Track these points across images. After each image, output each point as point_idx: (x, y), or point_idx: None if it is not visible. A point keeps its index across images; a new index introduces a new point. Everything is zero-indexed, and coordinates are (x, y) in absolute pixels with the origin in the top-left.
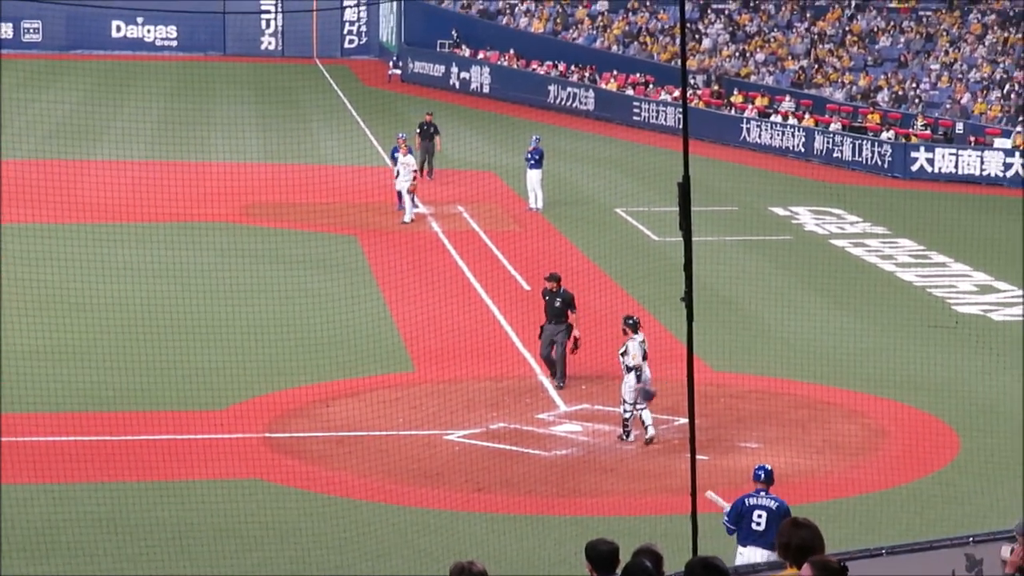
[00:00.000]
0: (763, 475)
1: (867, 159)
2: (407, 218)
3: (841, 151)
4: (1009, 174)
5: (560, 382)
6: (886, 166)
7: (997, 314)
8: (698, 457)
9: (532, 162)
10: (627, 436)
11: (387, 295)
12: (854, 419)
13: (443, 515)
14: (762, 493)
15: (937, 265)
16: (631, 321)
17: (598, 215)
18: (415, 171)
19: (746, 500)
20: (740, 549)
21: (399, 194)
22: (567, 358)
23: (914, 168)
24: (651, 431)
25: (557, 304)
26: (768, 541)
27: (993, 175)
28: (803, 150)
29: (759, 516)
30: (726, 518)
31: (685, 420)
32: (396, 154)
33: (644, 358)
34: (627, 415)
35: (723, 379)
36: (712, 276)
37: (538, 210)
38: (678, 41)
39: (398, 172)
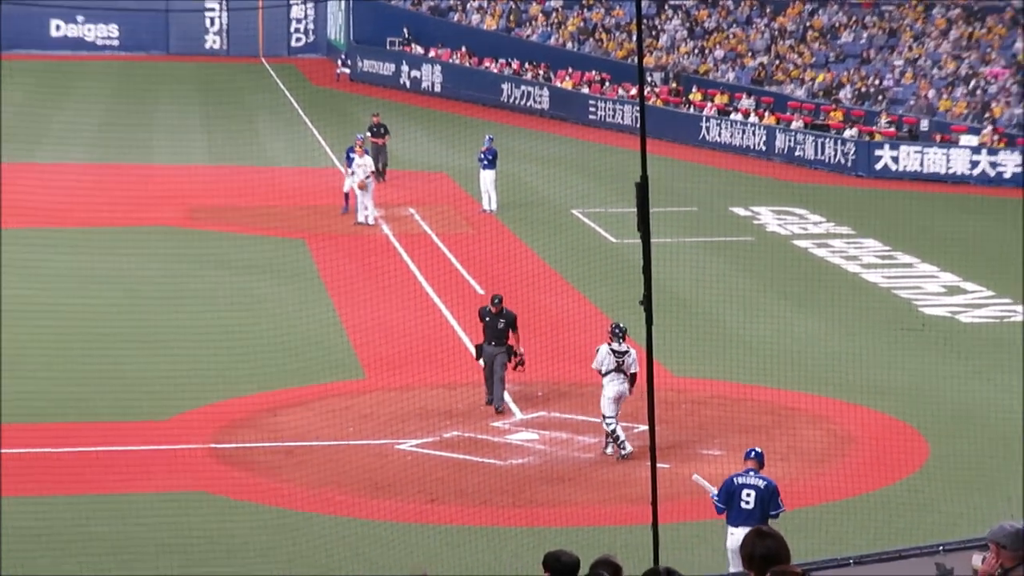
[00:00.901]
0: (754, 455)
1: (830, 157)
2: (362, 218)
3: (803, 149)
4: (976, 172)
5: (498, 404)
6: (850, 164)
7: (965, 316)
8: (659, 465)
9: (485, 163)
10: (623, 448)
11: (336, 300)
12: (819, 425)
13: (396, 527)
14: (751, 472)
15: (903, 266)
16: (617, 329)
17: (553, 216)
18: (372, 171)
19: (735, 479)
20: (730, 529)
21: (346, 196)
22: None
23: (878, 166)
24: (624, 447)
25: (500, 326)
26: (757, 520)
27: (960, 173)
28: (764, 149)
29: (747, 495)
30: (715, 497)
31: (645, 427)
32: (352, 154)
33: (619, 369)
34: (612, 427)
35: (684, 384)
36: (672, 279)
37: (492, 212)
38: (634, 38)
39: (353, 173)
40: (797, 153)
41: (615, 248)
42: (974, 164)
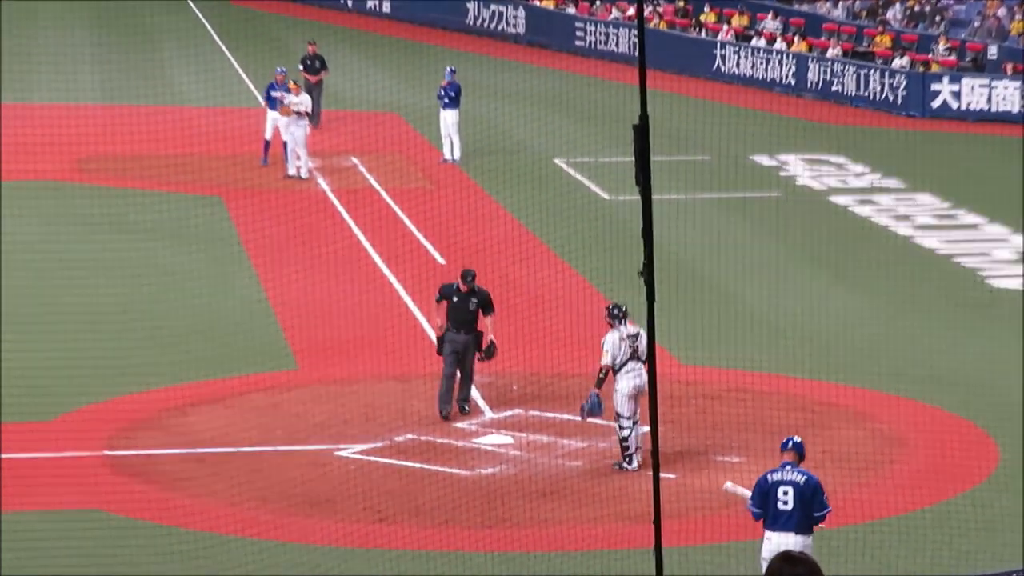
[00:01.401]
0: (792, 445)
1: (875, 93)
2: (293, 170)
3: (842, 83)
4: None
5: (464, 405)
6: (899, 102)
7: None
8: (663, 475)
9: (446, 101)
10: (630, 462)
11: (262, 272)
12: (862, 424)
13: (335, 553)
14: (788, 467)
15: (966, 227)
16: (615, 310)
17: (532, 168)
18: (306, 111)
19: (769, 476)
20: (767, 535)
21: (266, 144)
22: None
23: (935, 104)
24: (631, 461)
25: (471, 308)
26: (797, 523)
27: None
28: (793, 82)
29: (785, 493)
30: (750, 502)
31: (646, 428)
32: (273, 93)
33: (634, 357)
34: (626, 433)
35: (694, 375)
36: (679, 244)
37: (454, 161)
38: None
39: (281, 108)
40: (834, 88)
41: (608, 206)
42: None
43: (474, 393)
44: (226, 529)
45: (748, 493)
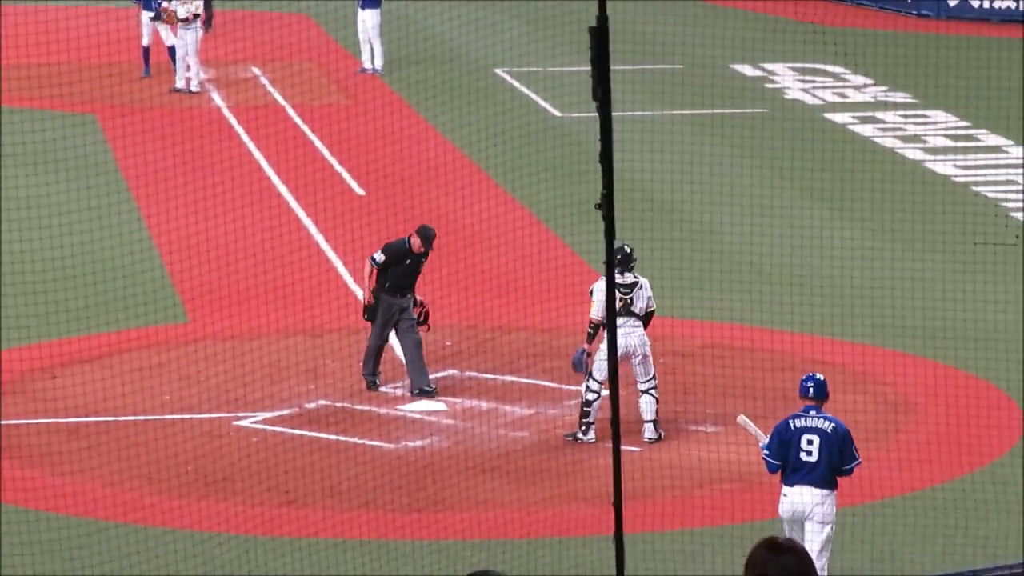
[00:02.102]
0: (812, 388)
1: None
2: (182, 83)
3: None
4: None
5: (427, 386)
6: (910, 0)
7: None
8: (625, 448)
9: None
10: (586, 432)
11: (144, 206)
12: (864, 387)
13: (234, 541)
14: (812, 412)
15: (988, 150)
16: (620, 255)
17: (468, 79)
18: (199, 14)
19: (791, 422)
20: (785, 490)
21: (145, 52)
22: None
23: (952, 2)
24: (650, 431)
25: (420, 270)
26: (821, 476)
27: None
28: None
29: (809, 442)
30: (766, 451)
31: (604, 392)
32: None
33: (627, 311)
34: (591, 397)
35: (663, 328)
36: (645, 171)
37: (375, 71)
38: None
39: (166, 15)
40: None
41: (560, 125)
42: None
43: (399, 354)
44: (104, 514)
45: (760, 434)
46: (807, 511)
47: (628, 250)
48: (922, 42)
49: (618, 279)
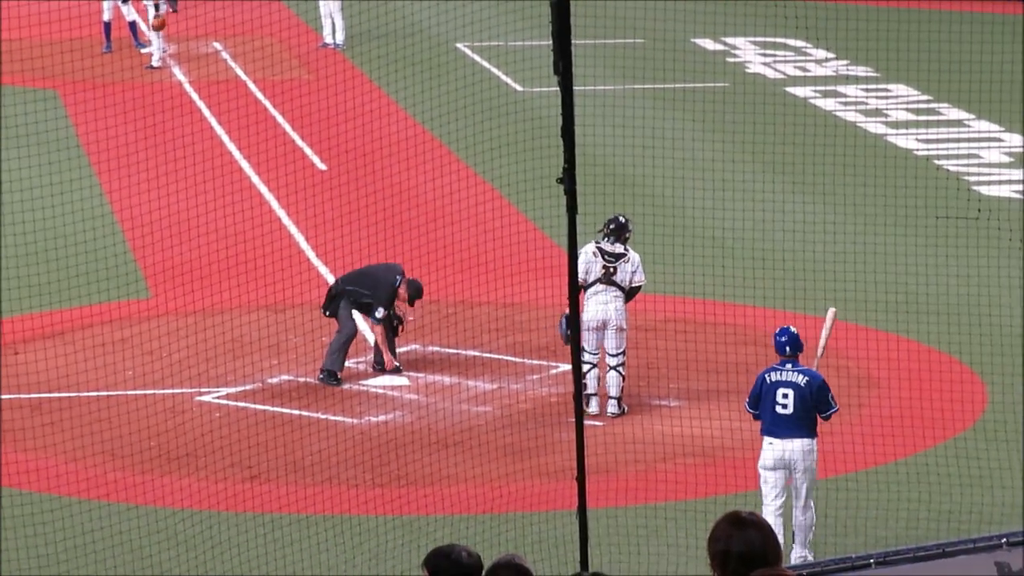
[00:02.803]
0: (786, 340)
1: None
2: (155, 61)
3: None
4: None
5: (336, 373)
6: None
7: None
8: (588, 423)
9: None
10: (587, 405)
11: (105, 181)
12: (826, 360)
13: (197, 517)
14: (787, 366)
15: (951, 124)
16: (610, 222)
17: (429, 53)
18: None
19: (767, 376)
20: (767, 440)
21: (106, 27)
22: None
23: None
24: (613, 406)
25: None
26: (800, 426)
27: None
28: None
29: (784, 396)
30: (747, 402)
31: (566, 367)
32: None
33: (607, 280)
34: (585, 368)
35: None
36: (607, 145)
37: (336, 46)
38: None
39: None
40: None
41: (522, 99)
42: None
43: (362, 327)
44: (66, 490)
45: (821, 344)
46: (791, 461)
47: (623, 220)
48: (884, 16)
49: (607, 247)
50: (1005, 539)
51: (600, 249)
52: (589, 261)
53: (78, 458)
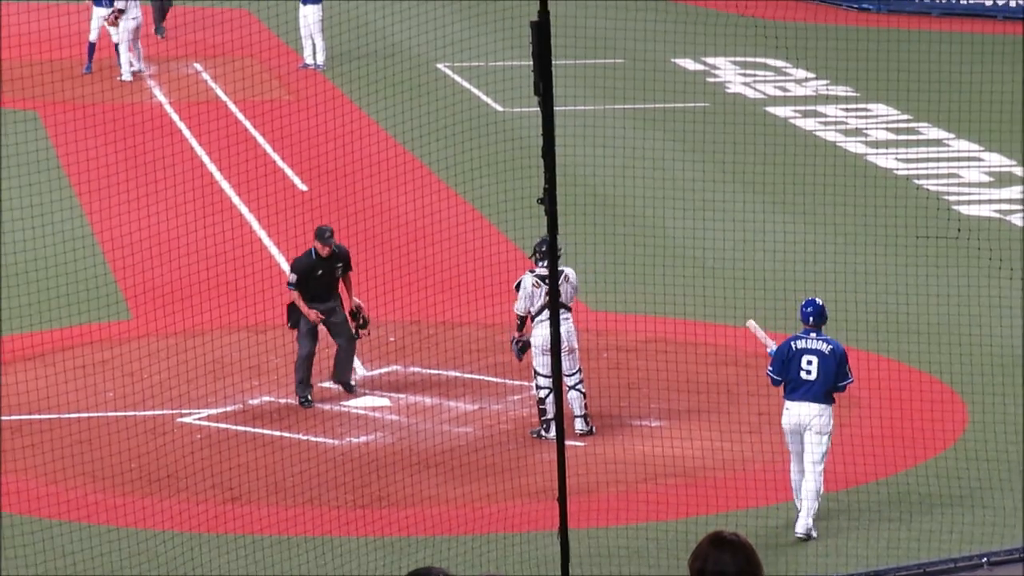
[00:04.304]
0: (811, 311)
1: None
2: (125, 74)
3: None
4: None
5: (350, 381)
6: None
7: (1021, 216)
8: (569, 443)
9: None
10: (548, 429)
11: (86, 202)
12: None
13: (178, 539)
14: (812, 335)
15: (930, 143)
16: (544, 247)
17: (410, 74)
18: (119, 10)
19: (792, 343)
20: (787, 404)
21: (91, 47)
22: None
23: None
24: (580, 424)
25: (337, 273)
26: (820, 392)
27: (1014, 4)
28: None
29: (808, 363)
30: (770, 368)
31: (574, 390)
32: None
33: (567, 306)
34: (544, 394)
35: (606, 323)
36: (587, 165)
37: (317, 67)
38: None
39: (115, 13)
40: None
41: (502, 120)
42: None
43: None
44: (47, 512)
45: (767, 339)
46: (808, 423)
47: (551, 241)
48: (863, 36)
49: (541, 271)
50: (986, 559)
51: (539, 277)
52: (532, 294)
53: (59, 480)
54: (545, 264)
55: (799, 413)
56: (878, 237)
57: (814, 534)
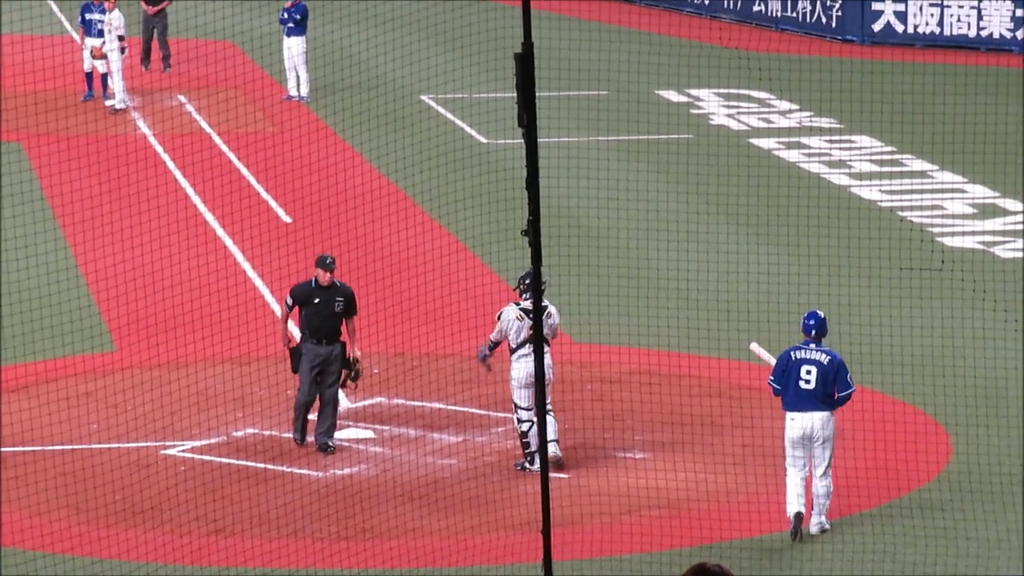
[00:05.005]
0: (813, 323)
1: (805, 14)
2: (119, 103)
3: (764, 2)
4: (1021, 34)
5: (328, 442)
6: (835, 25)
7: (1005, 248)
8: (553, 475)
9: (290, 26)
10: (531, 462)
11: (70, 234)
12: None
13: (163, 571)
14: (811, 346)
15: (914, 175)
16: (529, 280)
17: (394, 106)
18: (119, 37)
19: (792, 353)
20: (789, 415)
21: (88, 76)
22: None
23: (877, 27)
24: (553, 448)
25: (338, 308)
26: (819, 401)
27: (997, 36)
28: (707, 1)
29: (807, 372)
30: (771, 376)
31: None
32: (89, 15)
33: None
34: (526, 427)
35: (590, 354)
36: (571, 197)
37: (301, 99)
38: None
39: (100, 39)
40: (756, 8)
41: (486, 151)
42: (1019, 23)
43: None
44: (31, 544)
45: (771, 359)
46: (814, 433)
47: (541, 275)
48: (847, 67)
49: (526, 304)
50: None
51: (524, 310)
52: (517, 327)
53: (43, 512)
54: (529, 296)
55: (805, 424)
56: (862, 269)
57: (827, 526)
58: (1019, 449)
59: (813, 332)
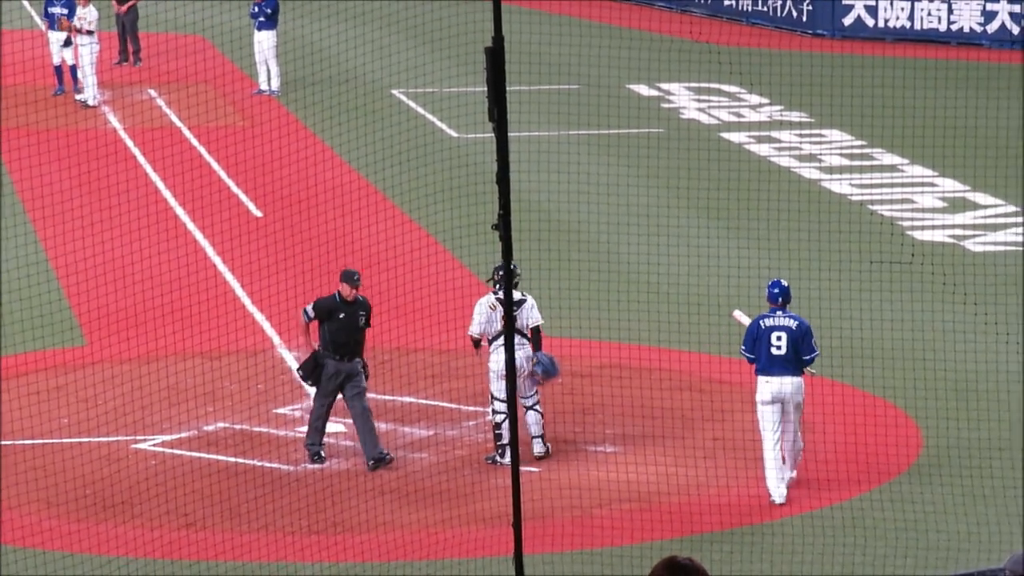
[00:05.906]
0: (778, 292)
1: (775, 8)
2: (91, 99)
3: None
4: (992, 28)
5: (381, 454)
6: (805, 19)
7: (975, 242)
8: (524, 469)
9: (261, 19)
10: (503, 454)
11: (40, 228)
12: None
13: (133, 564)
14: (779, 312)
15: (884, 168)
16: (503, 272)
17: (364, 100)
18: (92, 32)
19: (761, 321)
20: (762, 379)
21: (57, 70)
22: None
23: (847, 21)
24: (538, 446)
25: (361, 322)
26: (791, 364)
27: (967, 30)
28: None
29: (778, 338)
30: (742, 346)
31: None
32: (52, 8)
33: (515, 330)
34: (500, 419)
35: (560, 348)
36: (542, 191)
37: (272, 93)
38: None
39: (70, 37)
40: (726, 2)
41: (457, 146)
42: (989, 16)
43: (297, 376)
44: (2, 539)
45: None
46: (787, 395)
47: (514, 265)
48: (817, 61)
49: (501, 294)
50: None
51: (499, 299)
52: (490, 318)
53: (13, 506)
54: (512, 288)
55: (777, 388)
56: (832, 262)
57: (794, 476)
58: (988, 442)
59: (780, 300)
